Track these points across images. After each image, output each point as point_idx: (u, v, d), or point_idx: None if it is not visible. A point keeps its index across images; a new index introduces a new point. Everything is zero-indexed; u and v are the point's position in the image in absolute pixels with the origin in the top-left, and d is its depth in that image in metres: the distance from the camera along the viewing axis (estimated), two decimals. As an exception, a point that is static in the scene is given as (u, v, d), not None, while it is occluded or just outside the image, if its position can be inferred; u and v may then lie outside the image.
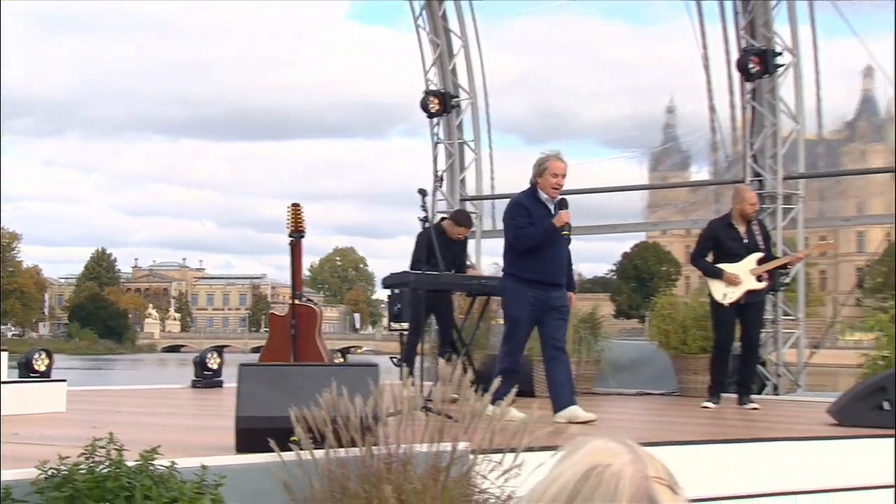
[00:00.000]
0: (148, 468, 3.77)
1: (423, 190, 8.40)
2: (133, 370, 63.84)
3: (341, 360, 11.80)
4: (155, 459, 3.88)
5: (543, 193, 7.80)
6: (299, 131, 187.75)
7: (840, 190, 13.80)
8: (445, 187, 14.28)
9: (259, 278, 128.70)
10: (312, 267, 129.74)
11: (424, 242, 9.56)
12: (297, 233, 8.26)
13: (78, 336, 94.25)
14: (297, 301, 8.17)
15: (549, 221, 7.65)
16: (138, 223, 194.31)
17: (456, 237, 10.39)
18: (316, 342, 8.10)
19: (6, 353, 7.69)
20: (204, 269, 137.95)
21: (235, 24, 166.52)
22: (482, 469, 5.09)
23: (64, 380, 8.14)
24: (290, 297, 8.27)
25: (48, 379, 8.13)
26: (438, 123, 14.18)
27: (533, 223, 7.73)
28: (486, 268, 13.68)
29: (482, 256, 14.36)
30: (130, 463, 3.83)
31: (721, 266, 9.53)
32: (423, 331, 10.43)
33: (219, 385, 10.81)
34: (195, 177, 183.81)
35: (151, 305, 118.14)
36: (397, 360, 10.35)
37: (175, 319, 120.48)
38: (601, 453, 1.24)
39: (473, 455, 5.17)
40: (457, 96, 14.06)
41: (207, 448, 5.30)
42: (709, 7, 12.44)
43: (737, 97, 12.53)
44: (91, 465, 3.78)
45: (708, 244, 9.81)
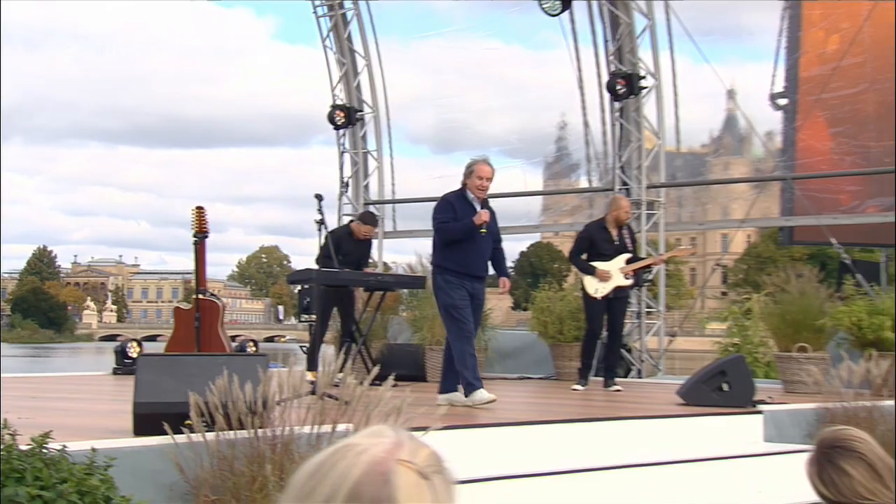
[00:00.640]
0: (40, 451, 3.66)
1: (320, 195, 8.35)
2: (72, 358, 62.27)
3: (254, 349, 11.68)
4: (48, 443, 3.78)
5: (471, 193, 7.77)
6: (228, 140, 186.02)
7: (710, 196, 14.14)
8: (351, 192, 14.23)
9: (190, 273, 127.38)
10: (240, 263, 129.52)
11: (333, 242, 9.53)
12: (201, 233, 8.14)
13: (20, 326, 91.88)
14: (202, 296, 8.06)
15: (470, 219, 7.64)
16: (78, 223, 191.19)
17: (363, 236, 10.34)
18: (219, 333, 7.99)
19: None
20: (139, 266, 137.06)
21: (168, 42, 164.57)
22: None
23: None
24: (195, 293, 8.14)
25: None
26: (344, 135, 14.11)
27: (457, 219, 7.70)
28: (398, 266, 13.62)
29: (384, 254, 14.39)
30: (24, 447, 3.73)
31: (594, 264, 9.69)
32: (327, 322, 10.38)
33: (137, 372, 10.56)
34: (131, 181, 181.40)
35: (89, 298, 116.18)
36: (305, 349, 10.26)
37: (112, 311, 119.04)
38: (363, 435, 1.22)
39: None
40: (361, 110, 14.00)
41: (109, 431, 5.19)
42: (583, 34, 12.57)
43: (608, 115, 12.69)
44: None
45: (584, 244, 9.94)
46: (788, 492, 5.99)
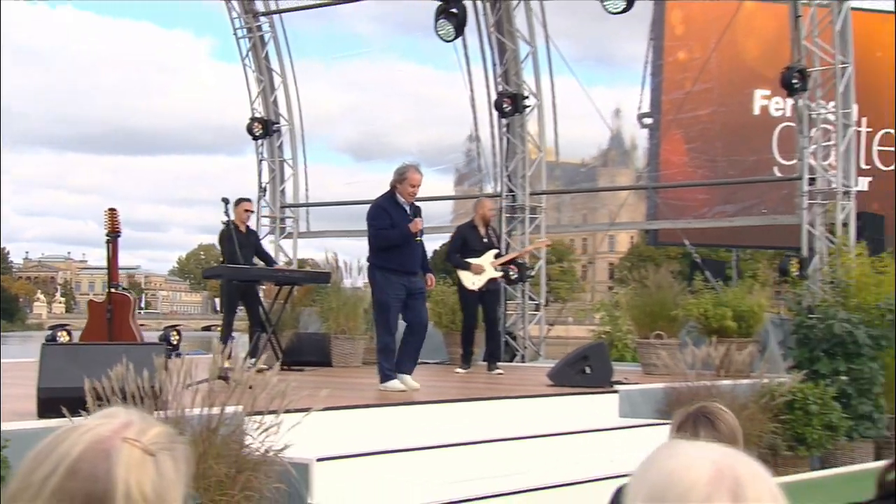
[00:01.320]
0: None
1: (226, 199, 8.23)
2: (22, 345, 60.35)
3: (177, 338, 11.49)
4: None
5: (401, 197, 7.66)
6: (170, 148, 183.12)
7: (601, 202, 14.39)
8: (268, 197, 14.09)
9: (134, 269, 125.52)
10: (181, 259, 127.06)
11: (228, 238, 9.36)
12: (114, 233, 7.94)
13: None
14: (114, 290, 7.88)
15: (406, 227, 7.53)
16: (30, 222, 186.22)
17: (243, 220, 9.99)
18: (130, 325, 7.81)
19: None
20: (86, 261, 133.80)
21: (113, 59, 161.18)
22: (249, 428, 5.03)
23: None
24: (108, 287, 7.94)
25: None
26: (262, 144, 13.94)
27: (393, 224, 7.59)
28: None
29: (298, 252, 14.28)
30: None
31: (468, 260, 9.78)
32: (234, 313, 10.20)
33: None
34: (79, 184, 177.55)
35: (40, 291, 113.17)
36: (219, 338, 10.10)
37: (60, 303, 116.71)
38: (95, 417, 1.17)
39: (248, 416, 5.11)
40: (277, 122, 13.86)
41: (17, 414, 5.04)
42: (475, 58, 12.64)
43: (496, 129, 12.78)
44: None
45: (458, 243, 10.02)
46: (638, 459, 6.12)
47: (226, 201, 8.16)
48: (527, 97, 12.17)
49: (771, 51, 12.67)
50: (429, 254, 8.99)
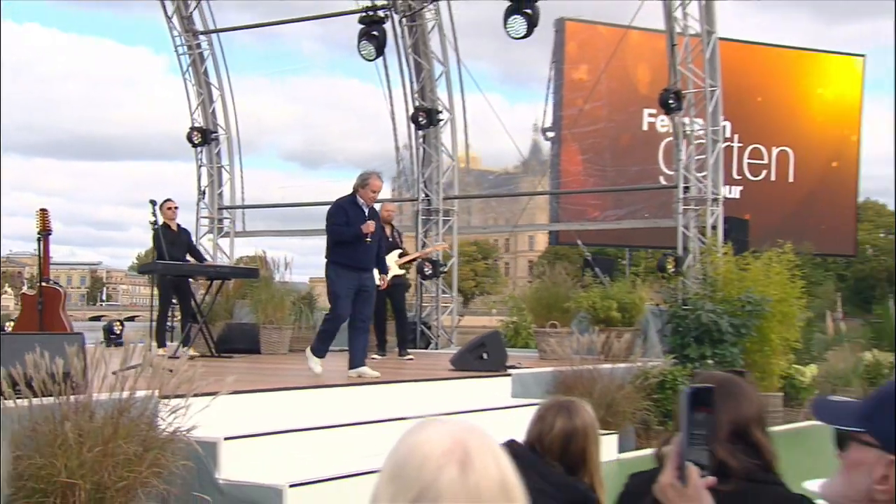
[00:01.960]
0: None
1: (154, 200, 8.06)
2: (-12, 335, 58.13)
3: (120, 328, 11.21)
4: None
5: (361, 200, 7.57)
6: (130, 155, 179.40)
7: (520, 206, 14.49)
8: (207, 199, 13.85)
9: (96, 265, 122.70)
10: (140, 256, 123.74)
11: (157, 238, 9.16)
12: (45, 231, 7.72)
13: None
14: (45, 284, 7.65)
15: (359, 227, 7.43)
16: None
17: (171, 218, 9.80)
18: (60, 316, 7.59)
19: None
20: (51, 258, 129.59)
21: (78, 72, 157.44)
22: (159, 410, 4.94)
23: None
24: (38, 281, 7.72)
25: None
26: (202, 151, 13.70)
27: (349, 222, 7.48)
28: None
29: (236, 250, 14.07)
30: None
31: None
32: (168, 306, 10.01)
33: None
34: (45, 187, 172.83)
35: (8, 285, 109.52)
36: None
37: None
38: None
39: (162, 400, 5.00)
40: (215, 132, 13.63)
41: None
42: (395, 75, 12.61)
43: (413, 140, 12.77)
44: None
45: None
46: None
47: (153, 203, 7.99)
48: (440, 112, 12.18)
49: (656, 75, 12.93)
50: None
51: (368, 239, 7.54)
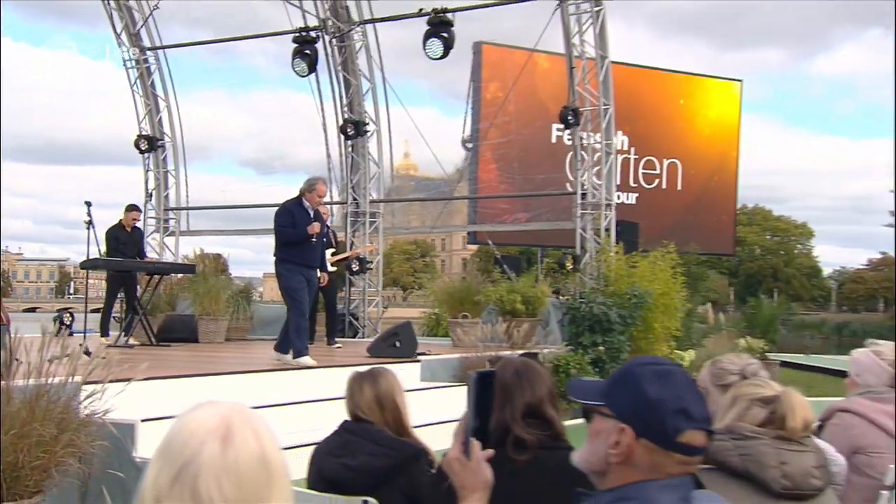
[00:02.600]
0: None
1: (89, 202, 7.85)
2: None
3: (70, 319, 10.87)
4: None
5: (307, 203, 7.48)
6: (96, 160, 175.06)
7: (456, 209, 14.52)
8: (154, 201, 13.56)
9: (64, 261, 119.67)
10: (103, 253, 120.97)
11: (112, 236, 8.98)
12: (-20, 231, 7.45)
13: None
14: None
15: (304, 229, 7.34)
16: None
17: (131, 223, 9.73)
18: (-7, 308, 7.33)
19: None
20: (22, 254, 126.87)
21: (47, 85, 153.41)
22: (77, 395, 4.81)
23: None
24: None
25: None
26: (149, 157, 13.39)
27: (295, 224, 7.39)
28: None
29: (181, 248, 13.78)
30: None
31: None
32: (114, 298, 9.79)
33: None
34: (18, 189, 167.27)
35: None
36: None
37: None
38: None
39: (80, 385, 4.87)
40: (161, 139, 13.33)
41: None
42: (326, 89, 12.51)
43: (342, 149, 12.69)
44: None
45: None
46: (436, 415, 6.18)
47: (88, 204, 7.78)
48: (367, 124, 12.14)
49: (561, 94, 13.14)
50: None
51: (314, 239, 7.49)
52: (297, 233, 7.40)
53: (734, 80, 18.80)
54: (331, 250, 9.79)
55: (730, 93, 18.30)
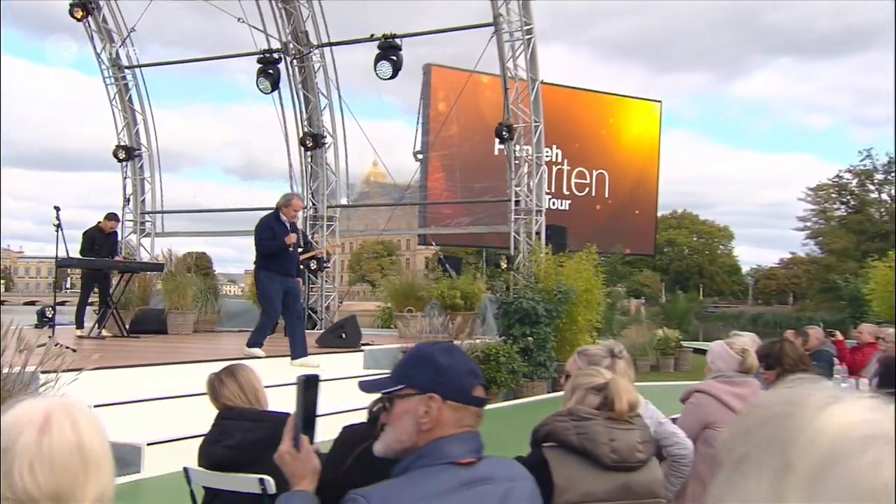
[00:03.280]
0: None
1: (58, 207, 7.69)
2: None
3: (52, 313, 10.64)
4: None
5: (284, 217, 7.36)
6: (92, 166, 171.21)
7: (412, 213, 14.47)
8: (131, 205, 13.32)
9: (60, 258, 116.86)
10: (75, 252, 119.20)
11: (89, 237, 8.83)
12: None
13: (-76, 296, 79.37)
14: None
15: (283, 240, 7.25)
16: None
17: (109, 230, 9.61)
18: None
19: None
20: (23, 252, 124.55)
21: (44, 96, 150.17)
22: (36, 383, 4.74)
23: None
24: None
25: None
26: (126, 166, 13.17)
27: (275, 237, 7.27)
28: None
29: (156, 250, 13.56)
30: None
31: None
32: (89, 294, 9.63)
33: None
34: (18, 192, 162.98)
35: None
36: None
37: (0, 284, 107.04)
38: None
39: (42, 374, 4.80)
40: (138, 149, 13.12)
41: None
42: (288, 105, 12.40)
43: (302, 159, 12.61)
44: None
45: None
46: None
47: (57, 209, 7.62)
48: (325, 136, 12.09)
49: (500, 111, 13.24)
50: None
51: (291, 249, 7.43)
52: (278, 244, 7.33)
53: (654, 101, 19.16)
54: (299, 249, 9.74)
55: (650, 113, 18.65)
